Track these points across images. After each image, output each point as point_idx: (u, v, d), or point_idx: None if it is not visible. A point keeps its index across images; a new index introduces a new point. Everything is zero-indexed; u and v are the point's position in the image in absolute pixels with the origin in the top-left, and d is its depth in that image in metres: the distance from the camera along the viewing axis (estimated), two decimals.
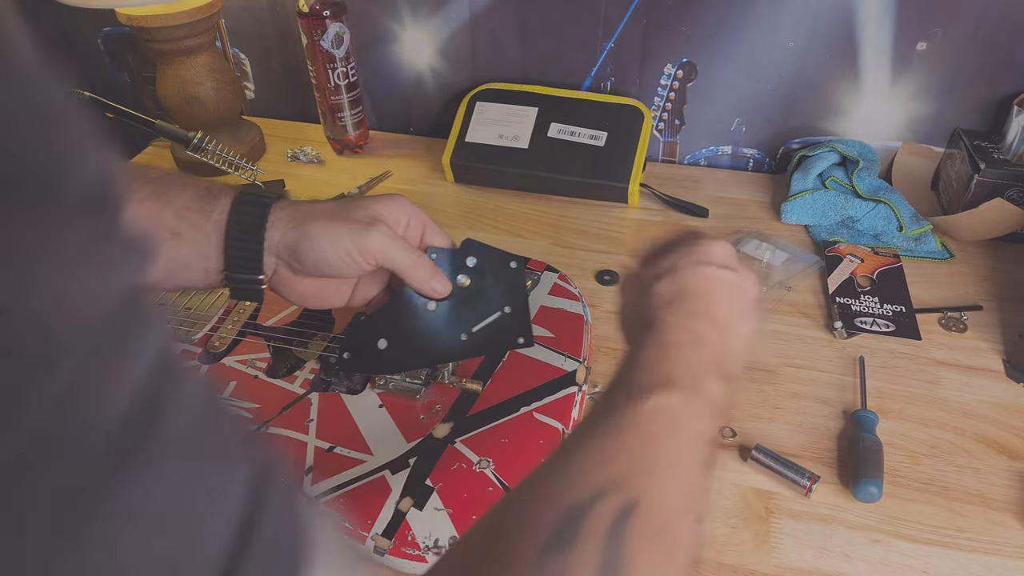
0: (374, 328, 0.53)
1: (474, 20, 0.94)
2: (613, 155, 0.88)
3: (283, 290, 0.52)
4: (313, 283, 0.52)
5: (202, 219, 0.48)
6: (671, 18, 0.88)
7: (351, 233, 0.48)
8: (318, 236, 0.48)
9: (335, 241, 0.48)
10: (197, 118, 0.92)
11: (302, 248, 0.48)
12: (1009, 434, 0.61)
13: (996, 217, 0.78)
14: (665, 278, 0.42)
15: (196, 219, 0.48)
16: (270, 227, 0.49)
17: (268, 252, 0.49)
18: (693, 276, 0.42)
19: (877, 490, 0.55)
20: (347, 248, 0.48)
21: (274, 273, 0.51)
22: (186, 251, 0.48)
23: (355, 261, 0.49)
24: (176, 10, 0.84)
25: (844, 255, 0.79)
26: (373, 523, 0.52)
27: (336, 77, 0.92)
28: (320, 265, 0.49)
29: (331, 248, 0.48)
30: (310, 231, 0.48)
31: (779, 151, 0.96)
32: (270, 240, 0.49)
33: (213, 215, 0.48)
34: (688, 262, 0.43)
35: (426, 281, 0.51)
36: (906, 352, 0.68)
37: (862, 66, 0.86)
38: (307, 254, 0.48)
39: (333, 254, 0.48)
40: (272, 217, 0.49)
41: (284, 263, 0.50)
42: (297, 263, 0.49)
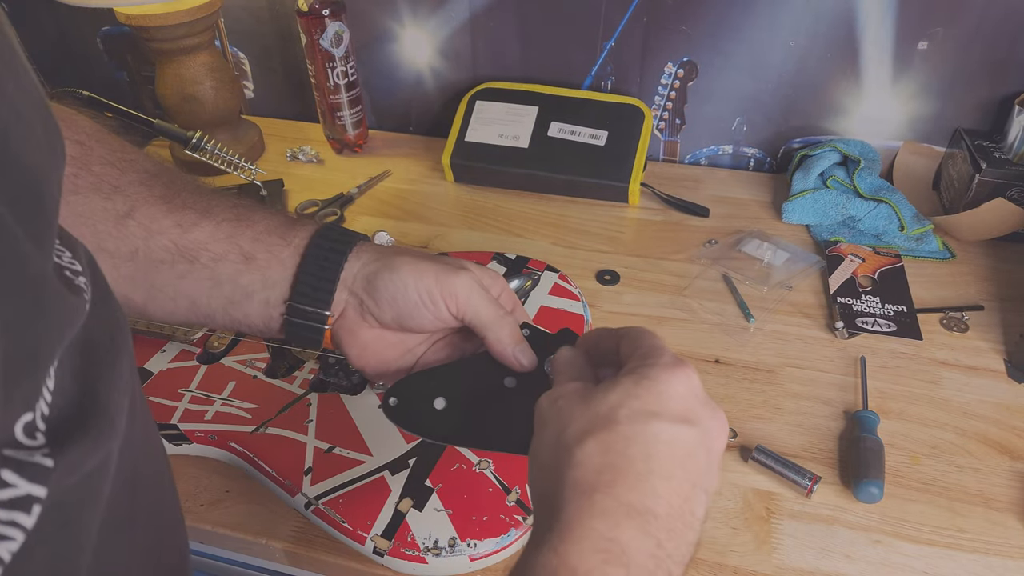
0: (436, 382, 0.44)
1: (474, 19, 0.94)
2: (613, 154, 0.88)
3: (344, 337, 0.45)
4: (379, 336, 0.45)
5: (281, 244, 0.44)
6: (672, 17, 0.88)
7: (438, 272, 0.43)
8: (401, 268, 0.43)
9: (418, 276, 0.43)
10: (196, 117, 0.92)
11: (382, 280, 0.43)
12: (1010, 434, 0.61)
13: (997, 217, 0.78)
14: (593, 435, 0.31)
15: (274, 243, 0.44)
16: (352, 257, 0.44)
17: (342, 286, 0.44)
18: (635, 438, 0.31)
19: (878, 490, 0.55)
20: (429, 287, 0.42)
21: (341, 314, 0.45)
22: (252, 277, 0.43)
23: (435, 303, 0.43)
24: (175, 9, 0.83)
25: (845, 255, 0.79)
26: (373, 524, 0.52)
27: (335, 76, 0.92)
28: (397, 301, 0.43)
29: (412, 283, 0.42)
30: (394, 263, 0.43)
31: (780, 150, 0.95)
32: (348, 271, 0.44)
33: (294, 241, 0.44)
34: (630, 412, 0.32)
35: (509, 344, 0.43)
36: (907, 352, 0.68)
37: (863, 65, 0.86)
38: (386, 286, 0.43)
39: (413, 290, 0.42)
40: (356, 249, 0.45)
41: (356, 301, 0.44)
42: (371, 299, 0.43)
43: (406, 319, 0.43)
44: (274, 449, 0.57)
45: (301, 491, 0.54)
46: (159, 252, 0.41)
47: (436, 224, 0.87)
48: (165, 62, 0.90)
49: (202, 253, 0.42)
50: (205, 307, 0.43)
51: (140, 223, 0.41)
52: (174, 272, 0.42)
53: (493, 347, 0.43)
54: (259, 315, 0.44)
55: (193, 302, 0.43)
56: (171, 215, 0.42)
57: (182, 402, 0.61)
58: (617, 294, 0.76)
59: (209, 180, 0.94)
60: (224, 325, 0.45)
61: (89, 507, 0.25)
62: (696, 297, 0.75)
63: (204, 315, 0.43)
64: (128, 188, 0.42)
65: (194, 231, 0.42)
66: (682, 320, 0.73)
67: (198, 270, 0.42)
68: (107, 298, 0.30)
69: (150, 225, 0.41)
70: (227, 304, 0.43)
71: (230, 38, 1.04)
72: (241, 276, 0.43)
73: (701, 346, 0.70)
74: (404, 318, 0.43)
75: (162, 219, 0.42)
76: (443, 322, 0.44)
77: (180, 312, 0.43)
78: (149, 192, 0.42)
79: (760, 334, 0.71)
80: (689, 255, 0.81)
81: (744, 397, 0.64)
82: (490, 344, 0.43)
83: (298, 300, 0.43)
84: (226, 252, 0.42)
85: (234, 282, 0.43)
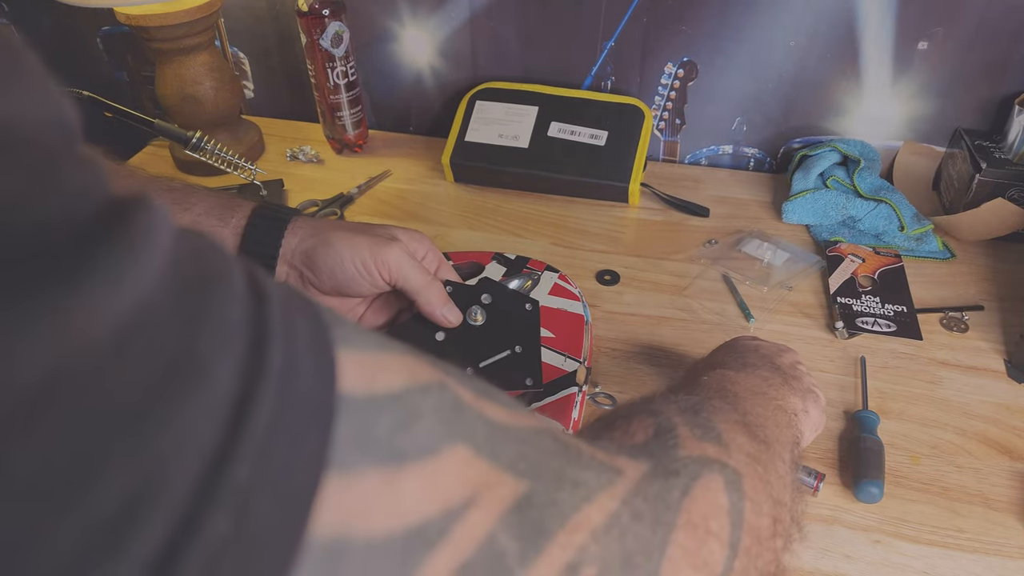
0: None
1: (474, 19, 0.94)
2: (613, 154, 0.88)
3: None
4: (322, 300, 0.51)
5: (220, 225, 0.47)
6: (672, 17, 0.88)
7: (370, 245, 0.48)
8: (337, 243, 0.48)
9: (353, 250, 0.47)
10: (196, 117, 0.92)
11: (319, 254, 0.48)
12: (1010, 434, 0.61)
13: (997, 217, 0.78)
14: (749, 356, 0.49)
15: (213, 225, 0.47)
16: (289, 233, 0.48)
17: (282, 260, 0.48)
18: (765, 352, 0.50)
19: (878, 490, 0.55)
20: (364, 259, 0.47)
21: (284, 284, 0.50)
22: None
23: (370, 273, 0.48)
24: (175, 9, 0.83)
25: (845, 255, 0.79)
26: None
27: (335, 76, 0.92)
28: (335, 273, 0.48)
29: (348, 256, 0.47)
30: (330, 238, 0.48)
31: (780, 150, 0.95)
32: (287, 246, 0.48)
33: (232, 221, 0.47)
34: (759, 346, 0.52)
35: (437, 306, 0.50)
36: (907, 352, 0.68)
37: (863, 65, 0.86)
38: (324, 260, 0.48)
39: (350, 262, 0.47)
40: (292, 225, 0.49)
41: (296, 272, 0.49)
42: (311, 271, 0.48)
43: (344, 288, 0.48)
44: None
45: None
46: None
47: (436, 224, 0.87)
48: (165, 62, 0.89)
49: None
50: None
51: None
52: None
53: (423, 308, 0.50)
54: None
55: None
56: None
57: None
58: (617, 294, 0.76)
59: (209, 180, 0.94)
60: None
61: None
62: (696, 297, 0.75)
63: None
64: None
65: None
66: (682, 320, 0.73)
67: None
68: None
69: None
70: None
71: (230, 38, 1.04)
72: None
73: (701, 346, 0.69)
74: (343, 287, 0.48)
75: None
76: (378, 288, 0.49)
77: None
78: None
79: (760, 334, 0.71)
80: (689, 255, 0.81)
81: None
82: (420, 306, 0.49)
83: None
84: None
85: None
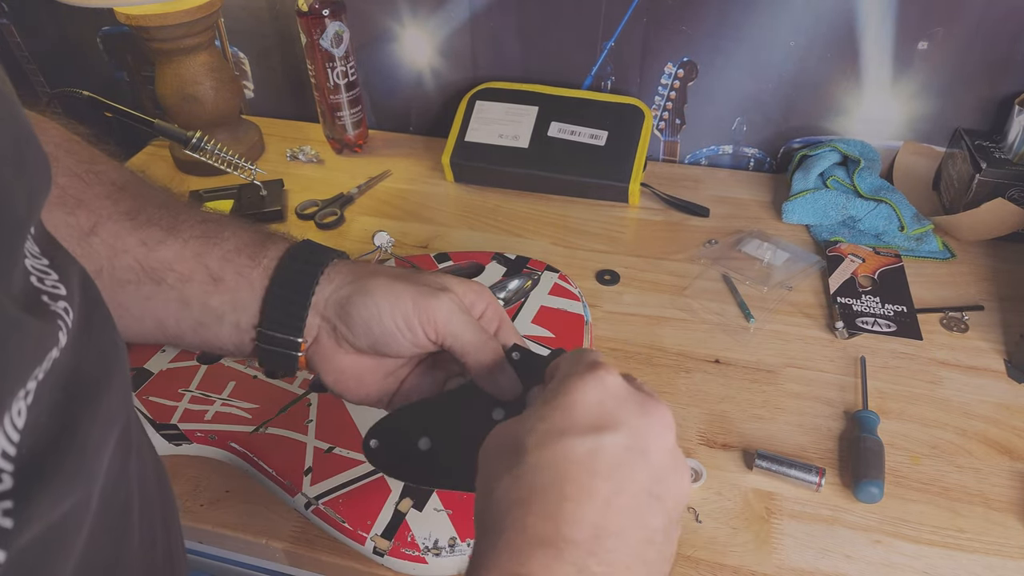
0: (419, 420, 0.41)
1: (474, 19, 0.94)
2: (613, 154, 0.88)
3: (320, 363, 0.42)
4: (356, 361, 0.42)
5: (250, 265, 0.41)
6: (672, 17, 0.88)
7: (415, 295, 0.40)
8: (375, 291, 0.40)
9: (394, 300, 0.39)
10: (196, 117, 0.92)
11: (355, 305, 0.40)
12: (1010, 434, 0.61)
13: (997, 217, 0.78)
14: (508, 472, 0.29)
15: (243, 264, 0.41)
16: (324, 280, 0.41)
17: (314, 312, 0.41)
18: (543, 465, 0.29)
19: (878, 491, 0.55)
20: (406, 313, 0.39)
21: (315, 340, 0.42)
22: (222, 299, 0.40)
23: (412, 330, 0.40)
24: (175, 9, 0.83)
25: (845, 255, 0.79)
26: (373, 524, 0.52)
27: (335, 76, 0.92)
28: (371, 327, 0.40)
29: (388, 308, 0.39)
30: (368, 286, 0.40)
31: (780, 150, 0.95)
32: (320, 295, 0.41)
33: (263, 261, 0.41)
34: (537, 437, 0.29)
35: (492, 372, 0.40)
36: (907, 352, 0.68)
37: (863, 65, 0.86)
38: (359, 313, 0.40)
39: (389, 316, 0.39)
40: (328, 270, 0.41)
41: (328, 327, 0.41)
42: (344, 325, 0.40)
43: (382, 346, 0.41)
44: (274, 449, 0.57)
45: (301, 491, 0.54)
46: (124, 272, 0.39)
47: (436, 224, 0.87)
48: (165, 62, 0.90)
49: (168, 274, 0.39)
50: (174, 329, 0.41)
51: (104, 240, 0.38)
52: (140, 293, 0.39)
53: (474, 373, 0.40)
54: (230, 338, 0.41)
55: (160, 323, 0.40)
56: (136, 232, 0.39)
57: (182, 402, 0.61)
58: (617, 294, 0.76)
59: (208, 180, 0.94)
60: (195, 346, 0.42)
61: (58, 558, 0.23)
62: (696, 297, 0.75)
63: (173, 336, 0.41)
64: (93, 202, 0.39)
65: (160, 249, 0.39)
66: (682, 320, 0.73)
67: (165, 291, 0.39)
68: (104, 320, 0.28)
69: (114, 243, 0.39)
70: (196, 326, 0.41)
71: (230, 38, 1.04)
72: (210, 298, 0.40)
73: (701, 346, 0.69)
74: (380, 345, 0.41)
75: (127, 236, 0.39)
76: (422, 347, 0.41)
77: (148, 333, 0.41)
78: (115, 207, 0.40)
79: (760, 334, 0.71)
80: (689, 255, 0.81)
81: (744, 397, 0.64)
82: (470, 371, 0.40)
83: (268, 327, 0.40)
84: (193, 272, 0.40)
85: (203, 304, 0.40)
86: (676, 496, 0.30)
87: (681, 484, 0.31)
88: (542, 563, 0.27)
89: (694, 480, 0.57)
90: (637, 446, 0.29)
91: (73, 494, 0.23)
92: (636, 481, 0.29)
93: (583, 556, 0.27)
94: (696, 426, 0.62)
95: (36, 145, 0.24)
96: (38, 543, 0.21)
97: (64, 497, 0.22)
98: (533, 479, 0.28)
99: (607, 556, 0.28)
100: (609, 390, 0.30)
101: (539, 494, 0.28)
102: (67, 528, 0.23)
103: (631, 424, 0.30)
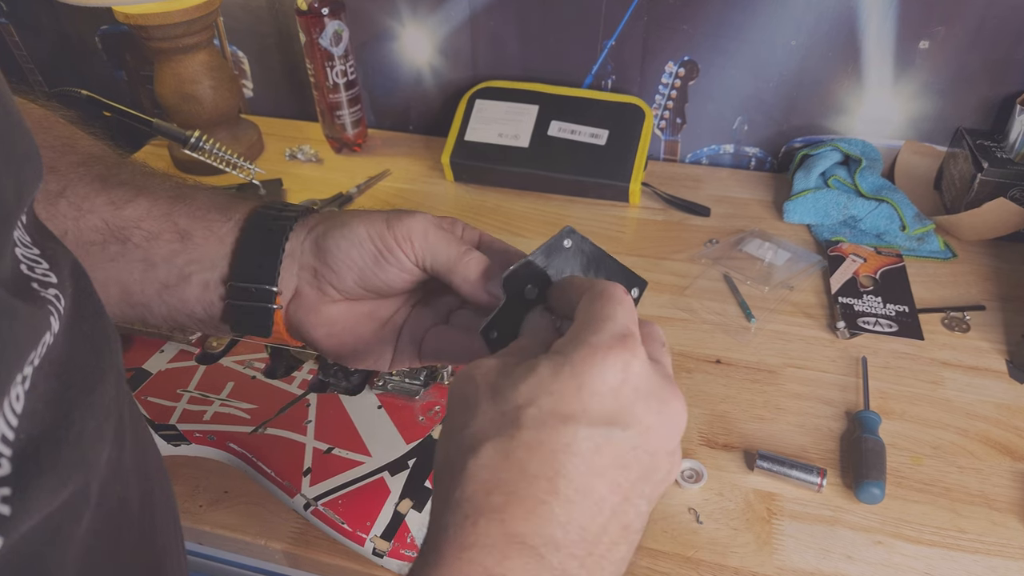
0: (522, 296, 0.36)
1: (474, 18, 0.94)
2: (614, 154, 0.87)
3: (306, 318, 0.39)
4: (347, 309, 0.40)
5: (220, 220, 0.38)
6: (672, 16, 0.87)
7: (388, 216, 0.37)
8: (350, 221, 0.37)
9: (368, 223, 0.37)
10: (195, 117, 0.91)
11: (331, 238, 0.37)
12: (1012, 435, 0.60)
13: (999, 217, 0.78)
14: (492, 441, 0.26)
15: (214, 219, 0.38)
16: (298, 226, 0.38)
17: (290, 260, 0.38)
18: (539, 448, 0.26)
19: (879, 491, 0.54)
20: (381, 232, 0.36)
21: (296, 294, 0.39)
22: (189, 257, 0.38)
23: (391, 251, 0.37)
24: (174, 8, 0.83)
25: (846, 255, 0.78)
26: (372, 525, 0.52)
27: (335, 75, 0.91)
28: (352, 257, 0.37)
29: (363, 231, 0.37)
30: (342, 218, 0.38)
31: (781, 150, 0.95)
32: (295, 240, 0.38)
33: (235, 216, 0.39)
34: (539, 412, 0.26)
35: (480, 282, 0.36)
36: (909, 352, 0.68)
37: (864, 64, 0.85)
38: (338, 244, 0.37)
39: (367, 239, 0.37)
40: (301, 219, 0.39)
41: (308, 274, 0.38)
42: (325, 265, 0.38)
43: (369, 278, 0.37)
44: (273, 450, 0.57)
45: (300, 492, 0.54)
46: (89, 232, 0.37)
47: None
48: (164, 61, 0.89)
49: (134, 231, 0.37)
50: (139, 294, 0.38)
51: (71, 202, 0.37)
52: (105, 254, 0.37)
53: (462, 290, 0.37)
54: (198, 300, 0.39)
55: (125, 288, 0.38)
56: (105, 192, 0.38)
57: (181, 402, 0.61)
58: None
59: (208, 179, 0.94)
60: (162, 316, 0.39)
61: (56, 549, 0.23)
62: (697, 297, 0.75)
63: (138, 304, 0.39)
64: (65, 168, 0.38)
65: (128, 208, 0.38)
66: (683, 320, 0.72)
67: (130, 251, 0.37)
68: (97, 311, 0.28)
69: (81, 204, 0.37)
70: (161, 289, 0.38)
71: (229, 37, 1.04)
72: (176, 256, 0.38)
73: (702, 346, 0.69)
74: (367, 277, 0.37)
75: (95, 197, 0.37)
76: (409, 273, 0.37)
77: (113, 302, 0.38)
78: (87, 171, 0.38)
79: (761, 334, 0.70)
80: (690, 255, 0.81)
81: (745, 398, 0.64)
82: (458, 288, 0.37)
83: (239, 278, 0.38)
84: (160, 230, 0.38)
85: (169, 263, 0.38)
86: (660, 495, 0.29)
87: (668, 482, 0.29)
88: (521, 565, 0.24)
89: (695, 481, 0.57)
90: (645, 447, 0.27)
91: (71, 483, 0.23)
92: (633, 483, 0.27)
93: (565, 559, 0.25)
94: (697, 426, 0.62)
95: (28, 136, 0.24)
96: (37, 531, 0.21)
97: (62, 486, 0.22)
98: (524, 462, 0.25)
99: (589, 560, 0.26)
100: (631, 379, 0.27)
101: (528, 482, 0.25)
102: (66, 518, 0.23)
103: (645, 423, 0.27)
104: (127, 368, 0.64)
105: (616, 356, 0.26)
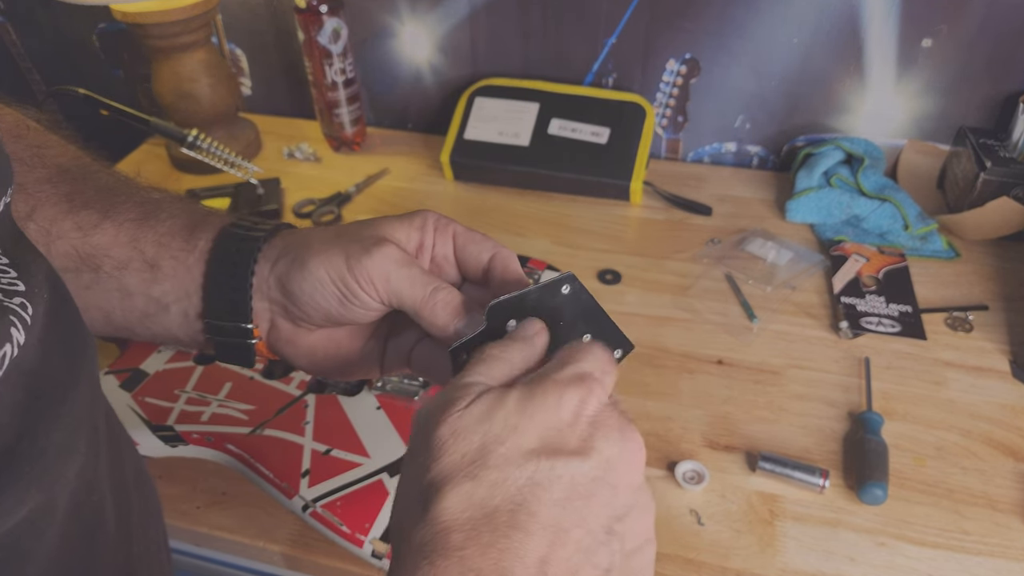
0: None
1: (474, 15, 0.93)
2: (615, 152, 0.87)
3: (286, 348, 0.39)
4: (326, 336, 0.39)
5: (185, 249, 0.37)
6: (674, 14, 0.87)
7: (348, 256, 0.35)
8: (309, 261, 0.35)
9: (328, 265, 0.35)
10: (192, 115, 0.91)
11: (293, 280, 0.36)
12: (1015, 435, 0.60)
13: (1002, 216, 0.78)
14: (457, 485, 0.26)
15: (178, 249, 0.37)
16: (262, 259, 0.37)
17: (260, 296, 0.37)
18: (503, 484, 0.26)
19: (882, 492, 0.54)
20: (342, 276, 0.35)
21: (271, 327, 0.39)
22: (163, 288, 0.37)
23: (356, 295, 0.35)
24: (171, 6, 0.83)
25: (849, 254, 0.78)
26: (371, 527, 0.51)
27: (333, 73, 0.91)
28: (318, 302, 0.36)
29: (324, 276, 0.35)
30: (302, 256, 0.36)
31: (783, 148, 0.95)
32: (260, 276, 0.37)
33: (199, 244, 0.37)
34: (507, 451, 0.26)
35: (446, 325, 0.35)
36: (911, 352, 0.68)
37: (867, 63, 0.85)
38: (300, 287, 0.36)
39: (329, 284, 0.35)
40: (266, 248, 0.37)
41: (279, 309, 0.38)
42: (292, 304, 0.37)
43: (338, 317, 0.36)
44: (271, 451, 0.56)
45: (298, 493, 0.54)
46: (61, 259, 0.36)
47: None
48: (161, 59, 0.89)
49: (105, 260, 0.36)
50: (120, 320, 0.38)
51: (40, 226, 0.36)
52: (80, 282, 0.36)
53: (429, 332, 0.35)
54: (179, 327, 0.38)
55: (106, 314, 0.38)
56: (72, 215, 0.36)
57: (178, 403, 0.60)
58: (619, 294, 0.75)
59: (206, 178, 0.93)
60: (150, 339, 0.39)
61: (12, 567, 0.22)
62: (699, 297, 0.75)
63: (122, 328, 0.38)
64: (32, 186, 0.37)
65: (95, 234, 0.36)
66: (685, 320, 0.72)
67: (104, 280, 0.37)
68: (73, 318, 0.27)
69: (50, 228, 0.36)
70: (142, 318, 0.38)
71: (227, 35, 1.03)
72: (150, 287, 0.37)
73: (704, 347, 0.69)
74: (335, 316, 0.36)
75: (62, 220, 0.36)
76: (375, 310, 0.36)
77: (97, 324, 0.38)
78: (54, 189, 0.37)
79: (763, 334, 0.70)
80: (692, 254, 0.80)
81: (747, 398, 0.64)
82: (426, 329, 0.35)
83: (213, 315, 0.37)
84: (129, 259, 0.37)
85: (145, 294, 0.37)
86: (636, 535, 0.28)
87: (643, 522, 0.28)
88: None
89: (697, 482, 0.57)
90: (606, 478, 0.27)
91: (30, 499, 0.22)
92: (596, 516, 0.26)
93: None
94: (699, 427, 0.61)
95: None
96: None
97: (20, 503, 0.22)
98: (486, 500, 0.25)
99: None
100: (588, 411, 0.28)
101: (488, 519, 0.25)
102: (27, 533, 0.23)
103: (605, 454, 0.27)
104: (125, 369, 0.64)
105: (575, 391, 0.28)
